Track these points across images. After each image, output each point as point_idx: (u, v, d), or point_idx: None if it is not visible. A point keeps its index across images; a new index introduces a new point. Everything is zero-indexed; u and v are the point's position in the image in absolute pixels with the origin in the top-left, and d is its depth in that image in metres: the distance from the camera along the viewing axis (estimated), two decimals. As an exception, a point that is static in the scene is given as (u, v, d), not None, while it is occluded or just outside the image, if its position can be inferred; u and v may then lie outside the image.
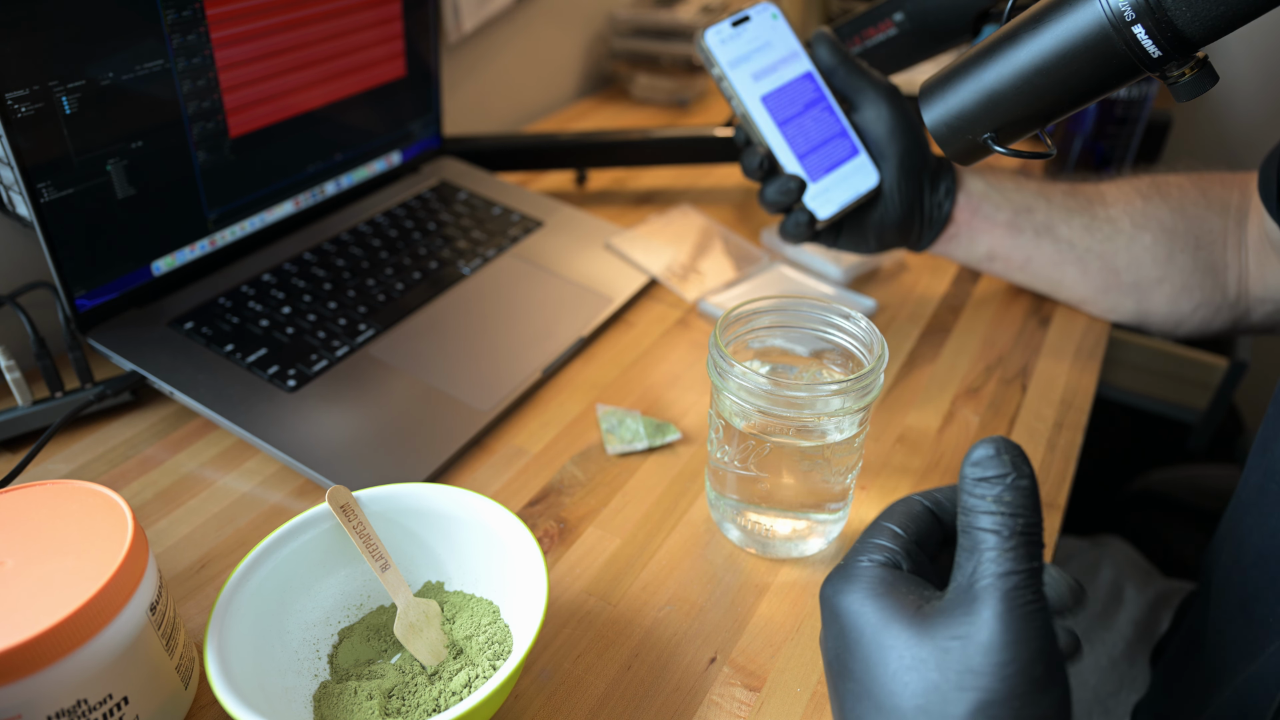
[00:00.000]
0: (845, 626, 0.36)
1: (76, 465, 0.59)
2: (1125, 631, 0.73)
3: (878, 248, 0.71)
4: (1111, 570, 0.78)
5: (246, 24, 0.66)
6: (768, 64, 0.68)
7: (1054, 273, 0.73)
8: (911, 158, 0.68)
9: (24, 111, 0.54)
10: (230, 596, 0.42)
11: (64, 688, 0.37)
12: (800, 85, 0.69)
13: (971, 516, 0.34)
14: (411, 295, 0.72)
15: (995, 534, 0.33)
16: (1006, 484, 0.34)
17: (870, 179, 0.68)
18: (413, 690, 0.44)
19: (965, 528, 0.34)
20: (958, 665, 0.32)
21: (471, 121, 1.06)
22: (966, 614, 0.33)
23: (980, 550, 0.33)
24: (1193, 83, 0.43)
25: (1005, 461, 0.34)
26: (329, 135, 0.76)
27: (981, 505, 0.34)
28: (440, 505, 0.48)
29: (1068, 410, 0.67)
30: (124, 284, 0.64)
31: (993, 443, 0.34)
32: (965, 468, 0.35)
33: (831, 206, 0.67)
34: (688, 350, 0.72)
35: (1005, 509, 0.33)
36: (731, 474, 0.52)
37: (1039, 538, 0.34)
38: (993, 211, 0.71)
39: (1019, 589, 0.32)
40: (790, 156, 0.67)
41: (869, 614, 0.35)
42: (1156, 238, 0.70)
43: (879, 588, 0.36)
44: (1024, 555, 0.33)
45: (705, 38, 0.67)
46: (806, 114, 0.68)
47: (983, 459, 0.34)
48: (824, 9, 1.21)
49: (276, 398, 0.61)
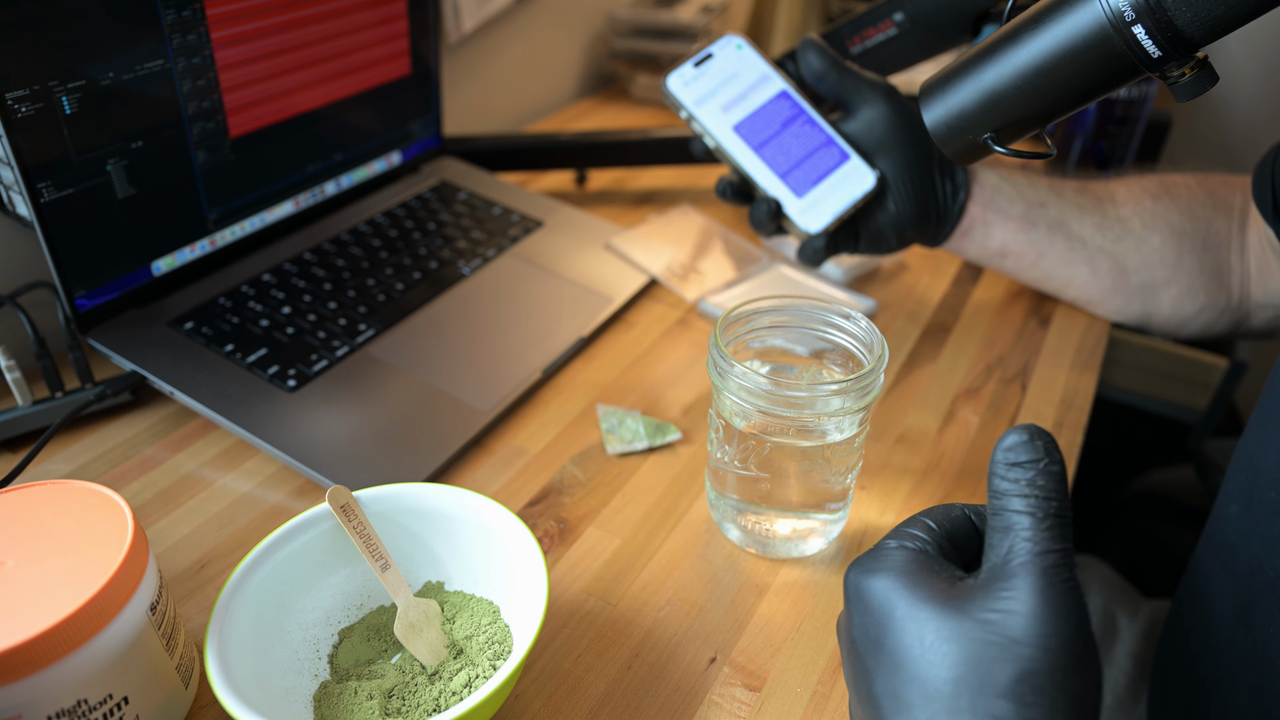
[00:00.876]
0: (874, 604, 0.36)
1: (76, 465, 0.59)
2: (1125, 666, 0.71)
3: (899, 245, 0.70)
4: (1099, 597, 0.77)
5: (246, 24, 0.66)
6: (737, 93, 0.68)
7: (1065, 271, 0.73)
8: (917, 148, 0.67)
9: (24, 111, 0.54)
10: (230, 596, 0.42)
11: (64, 688, 0.37)
12: (775, 106, 0.69)
13: (1005, 500, 0.35)
14: (411, 295, 0.72)
15: (1030, 515, 0.34)
16: (1039, 469, 0.34)
17: (866, 181, 0.68)
18: (413, 690, 0.44)
19: (997, 510, 0.35)
20: (999, 636, 0.33)
21: (471, 121, 1.06)
22: (1005, 589, 0.33)
23: (1014, 530, 0.34)
24: (1193, 83, 0.43)
25: (1038, 447, 0.35)
26: (329, 135, 0.76)
27: (1015, 489, 0.34)
28: (440, 505, 0.48)
29: (1068, 410, 0.67)
30: (124, 284, 0.64)
31: (1025, 430, 0.35)
32: (997, 453, 0.35)
33: (823, 218, 0.66)
34: (688, 350, 0.72)
35: (1038, 493, 0.34)
36: (731, 474, 0.52)
37: (1070, 521, 0.34)
38: (1006, 205, 0.70)
39: (1056, 566, 0.33)
40: (771, 178, 0.66)
41: (900, 591, 0.36)
42: (1165, 239, 0.70)
43: (909, 567, 0.36)
44: (1058, 535, 0.34)
45: (668, 84, 0.68)
46: (785, 131, 0.68)
47: (1015, 445, 0.35)
48: (824, 9, 1.21)
49: (276, 398, 0.61)
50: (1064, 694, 0.32)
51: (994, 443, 0.63)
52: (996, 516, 0.35)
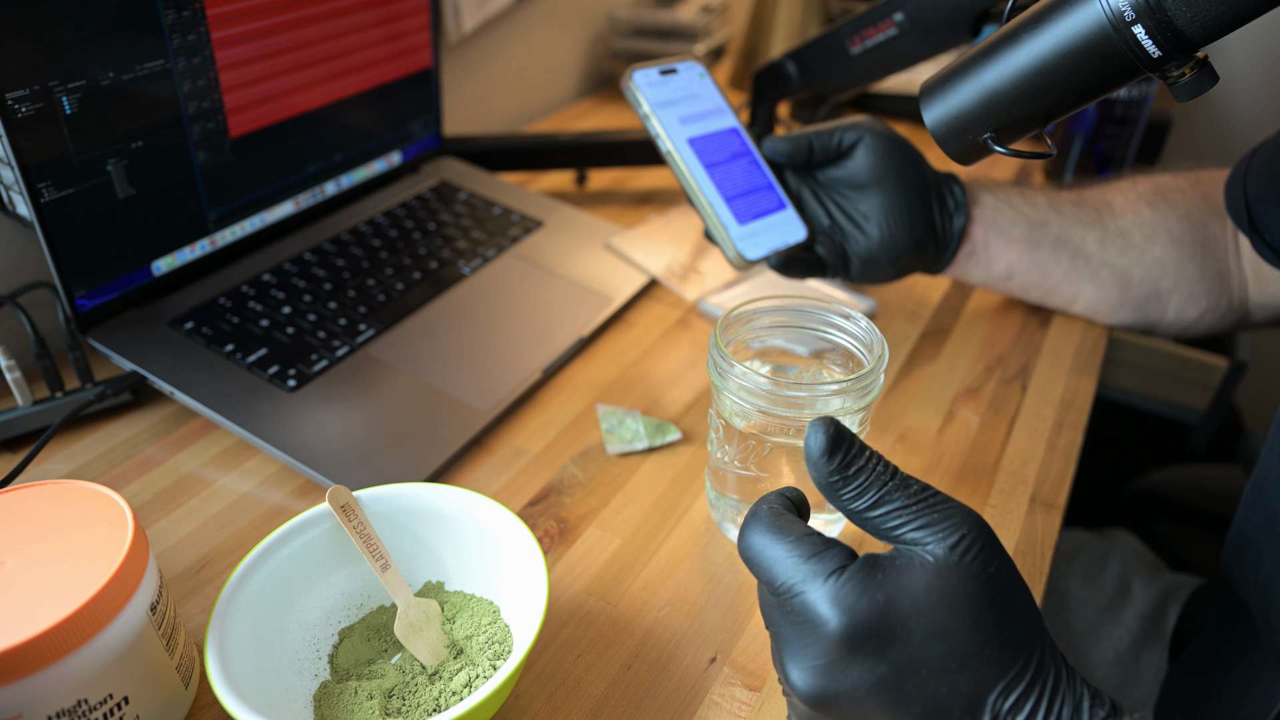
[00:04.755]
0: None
1: (76, 465, 0.59)
2: (1131, 626, 0.73)
3: (895, 275, 0.69)
4: (1119, 564, 0.78)
5: (246, 24, 0.66)
6: (694, 112, 0.68)
7: (1071, 288, 0.73)
8: (907, 177, 0.66)
9: (24, 111, 0.54)
10: (230, 596, 0.42)
11: (64, 688, 0.37)
12: (727, 137, 0.68)
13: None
14: (411, 295, 0.72)
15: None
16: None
17: (798, 233, 0.67)
18: (413, 690, 0.44)
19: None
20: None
21: (471, 121, 1.06)
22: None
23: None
24: (1193, 83, 0.43)
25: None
26: (329, 135, 0.76)
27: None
28: (440, 505, 0.48)
29: (1068, 410, 0.67)
30: (124, 284, 0.64)
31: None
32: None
33: (759, 250, 0.65)
34: (688, 350, 0.72)
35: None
36: (731, 474, 0.52)
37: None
38: (1008, 227, 0.70)
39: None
40: (717, 198, 0.66)
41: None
42: (1166, 249, 0.70)
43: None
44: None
45: (633, 78, 0.67)
46: (734, 163, 0.67)
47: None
48: (824, 9, 1.21)
49: (276, 398, 0.61)
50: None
51: (994, 443, 0.64)
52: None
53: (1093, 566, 0.78)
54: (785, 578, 0.36)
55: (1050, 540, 0.56)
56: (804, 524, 0.38)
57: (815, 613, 0.35)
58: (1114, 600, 0.75)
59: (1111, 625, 0.74)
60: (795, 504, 0.39)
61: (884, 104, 1.17)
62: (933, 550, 0.35)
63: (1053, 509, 0.58)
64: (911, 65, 0.85)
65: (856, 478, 0.36)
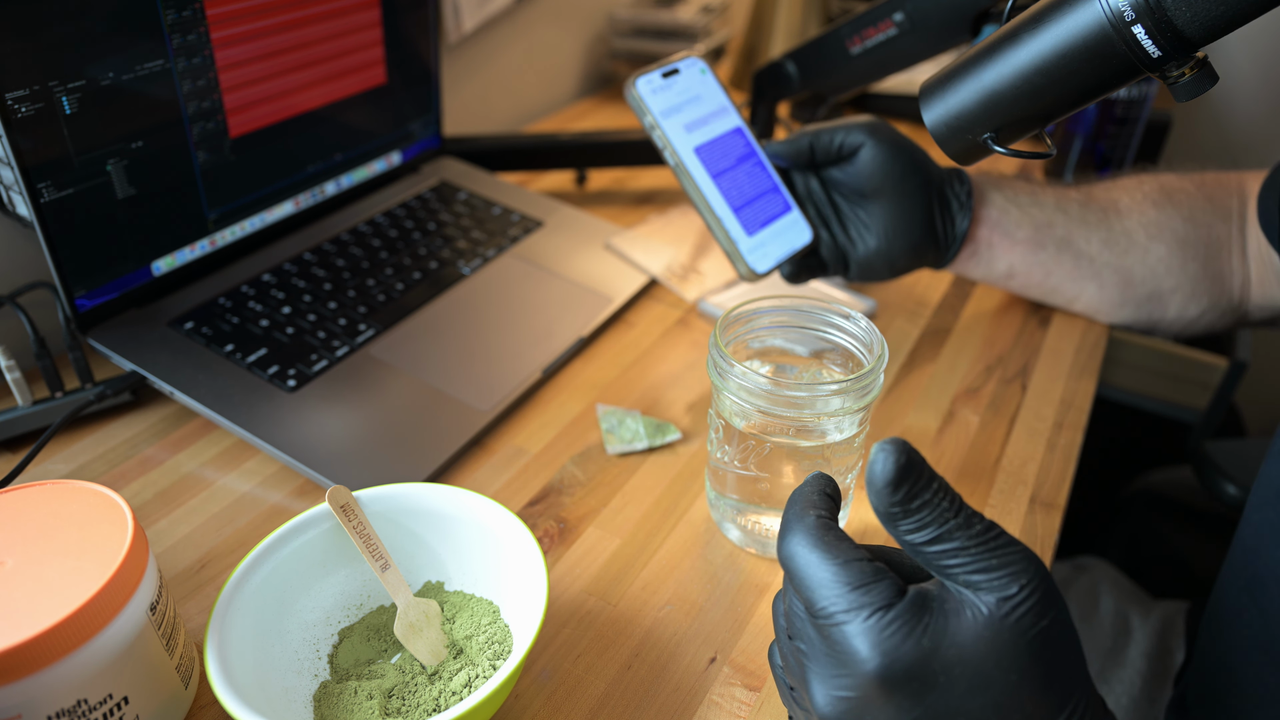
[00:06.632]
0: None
1: (76, 465, 0.59)
2: (1139, 666, 0.72)
3: (890, 275, 0.69)
4: (1110, 598, 0.77)
5: (246, 24, 0.66)
6: (699, 116, 0.67)
7: (1072, 287, 0.73)
8: (908, 182, 0.66)
9: (24, 111, 0.54)
10: (230, 596, 0.42)
11: (64, 688, 0.37)
12: (732, 139, 0.68)
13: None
14: (411, 295, 0.72)
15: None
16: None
17: (804, 235, 0.67)
18: (413, 690, 0.44)
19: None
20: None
21: (471, 121, 1.06)
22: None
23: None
24: (1193, 83, 0.43)
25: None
26: (329, 135, 0.76)
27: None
28: (440, 505, 0.48)
29: (1068, 410, 0.67)
30: (124, 284, 0.64)
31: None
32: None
33: (768, 261, 0.65)
34: (688, 350, 0.72)
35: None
36: (731, 474, 0.52)
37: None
38: (1013, 228, 0.70)
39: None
40: (726, 210, 0.65)
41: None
42: (1170, 248, 0.70)
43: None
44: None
45: (636, 86, 0.65)
46: (739, 168, 0.67)
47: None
48: (824, 9, 1.21)
49: (276, 398, 0.61)
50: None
51: (994, 443, 0.64)
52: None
53: (1085, 600, 0.78)
54: (828, 604, 0.34)
55: (1050, 540, 0.56)
56: (854, 545, 0.36)
57: (853, 647, 0.33)
58: (1116, 641, 0.74)
59: (1119, 669, 0.72)
60: (834, 500, 0.38)
61: (884, 104, 1.17)
62: (986, 600, 0.33)
63: (1053, 509, 0.58)
64: (911, 65, 0.85)
65: (919, 511, 0.33)
